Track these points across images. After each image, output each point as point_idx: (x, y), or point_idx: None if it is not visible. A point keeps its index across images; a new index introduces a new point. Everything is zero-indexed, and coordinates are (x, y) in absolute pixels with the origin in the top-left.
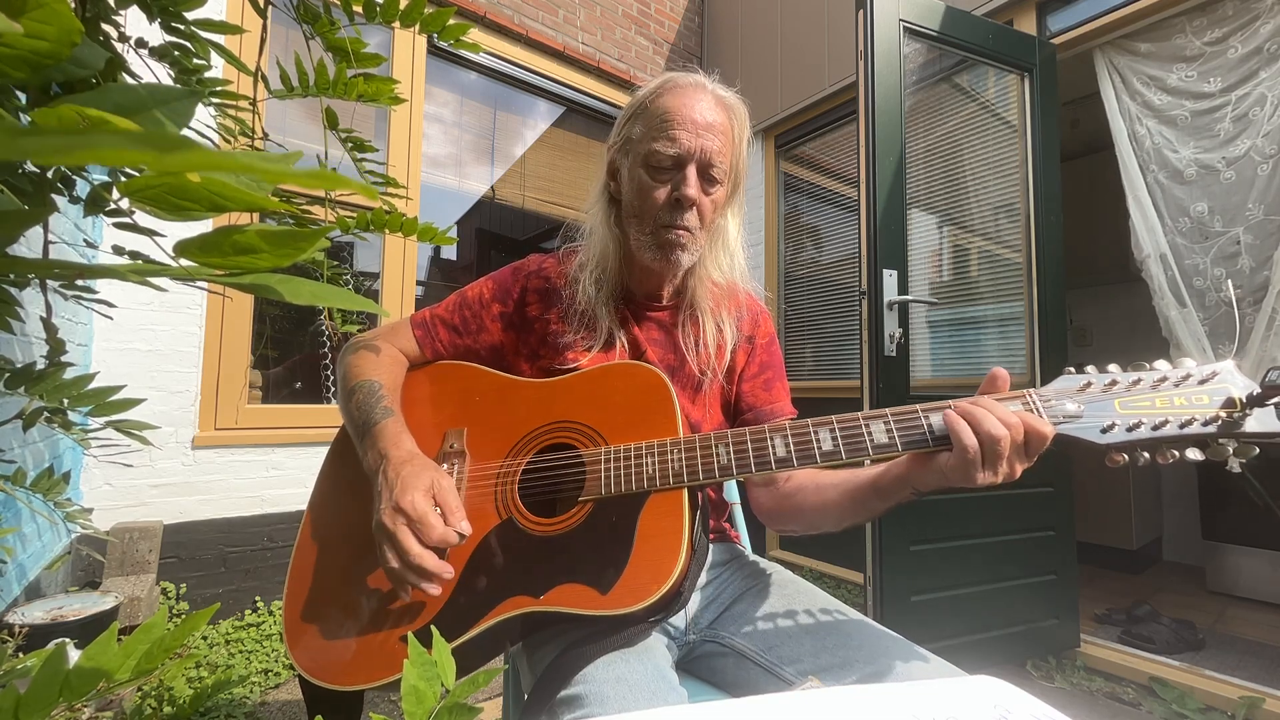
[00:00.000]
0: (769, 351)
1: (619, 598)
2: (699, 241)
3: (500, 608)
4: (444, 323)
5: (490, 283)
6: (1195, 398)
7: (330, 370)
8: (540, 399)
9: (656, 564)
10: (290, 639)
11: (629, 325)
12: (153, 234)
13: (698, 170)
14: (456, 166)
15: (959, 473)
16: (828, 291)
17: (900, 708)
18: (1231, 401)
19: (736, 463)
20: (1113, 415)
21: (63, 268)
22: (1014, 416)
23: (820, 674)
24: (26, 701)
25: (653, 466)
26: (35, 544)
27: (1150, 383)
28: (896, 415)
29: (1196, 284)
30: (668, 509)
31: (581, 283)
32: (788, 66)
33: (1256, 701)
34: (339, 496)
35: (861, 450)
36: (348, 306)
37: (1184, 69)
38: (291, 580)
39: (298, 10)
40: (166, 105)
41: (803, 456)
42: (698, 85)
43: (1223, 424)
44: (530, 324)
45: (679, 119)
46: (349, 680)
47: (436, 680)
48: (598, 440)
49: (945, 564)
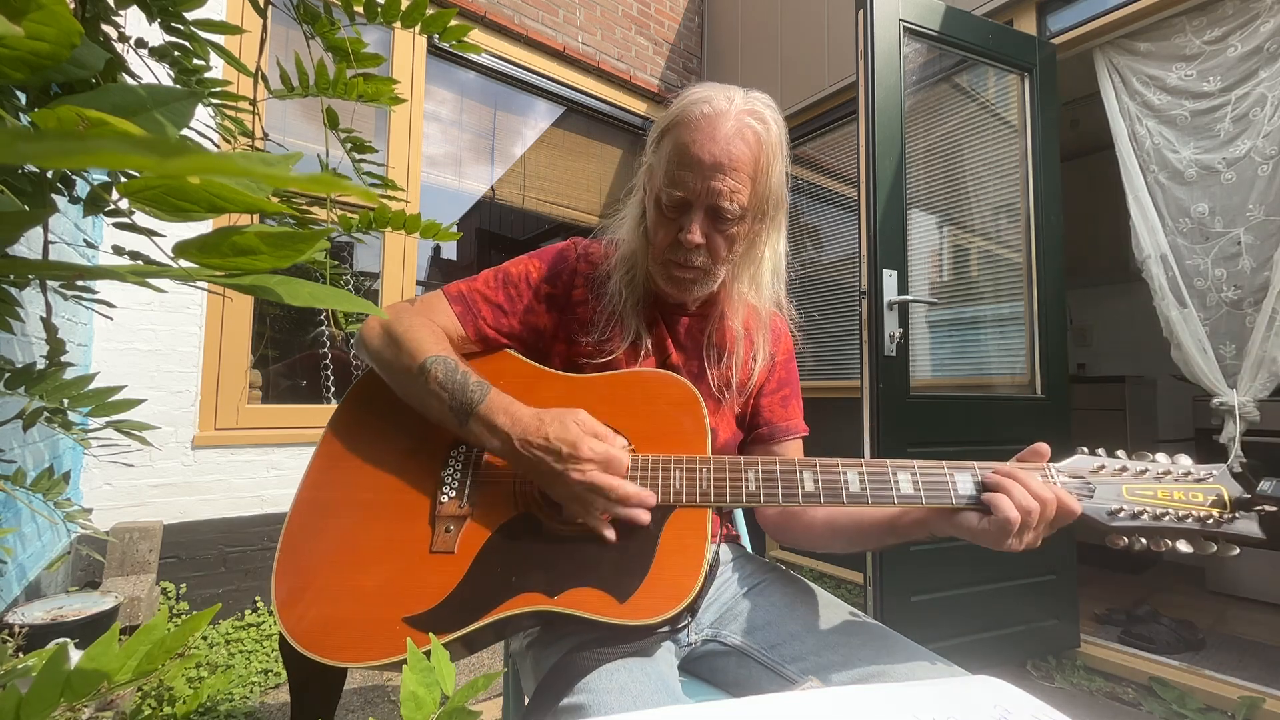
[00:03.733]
0: (787, 369)
1: (635, 609)
2: (714, 275)
3: (512, 602)
4: (486, 299)
5: (538, 262)
6: (1192, 494)
7: (330, 370)
8: (568, 395)
9: (675, 580)
10: (283, 608)
11: (656, 328)
12: (152, 234)
13: (706, 213)
14: (456, 166)
15: (991, 538)
16: (828, 291)
17: (900, 708)
18: (1223, 502)
19: (765, 491)
20: (1120, 500)
21: (63, 269)
22: (1049, 491)
23: (822, 672)
24: (28, 702)
25: (680, 483)
26: (35, 544)
27: (1154, 474)
28: (924, 469)
29: (1197, 284)
30: (691, 527)
31: (613, 280)
32: (788, 66)
33: (1256, 701)
34: (348, 463)
35: (886, 499)
36: (346, 308)
37: (1184, 68)
38: (284, 550)
39: (298, 10)
40: (166, 106)
41: (830, 496)
42: (716, 115)
43: (1213, 521)
44: (574, 307)
45: (686, 159)
46: (348, 656)
47: (436, 686)
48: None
49: (945, 564)
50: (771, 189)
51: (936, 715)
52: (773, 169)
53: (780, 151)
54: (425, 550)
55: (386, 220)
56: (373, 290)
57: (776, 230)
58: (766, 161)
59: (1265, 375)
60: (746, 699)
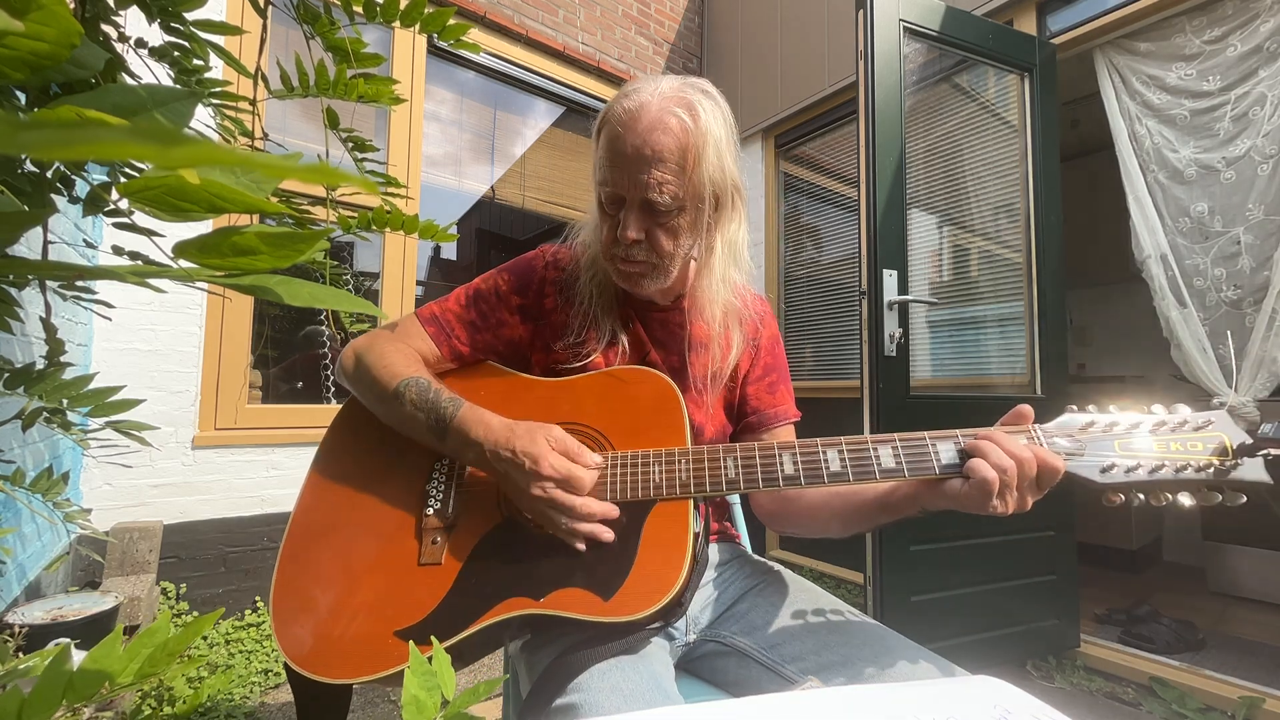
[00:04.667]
0: (773, 353)
1: (620, 605)
2: (664, 268)
3: (499, 608)
4: (459, 318)
5: (506, 274)
6: (1190, 444)
7: (330, 370)
8: (547, 399)
9: (659, 574)
10: (279, 628)
11: (632, 325)
12: (152, 234)
13: (641, 207)
14: (456, 166)
15: (974, 501)
16: (828, 291)
17: (901, 708)
18: (1224, 449)
19: (744, 478)
20: (1113, 456)
21: (62, 269)
22: (1025, 450)
23: (822, 672)
24: (30, 703)
25: (660, 476)
26: (35, 544)
27: (1148, 426)
28: (905, 441)
29: (1197, 284)
30: (673, 519)
31: (582, 282)
32: (788, 66)
33: (1256, 701)
34: (336, 486)
35: (869, 474)
36: (346, 308)
37: (1183, 68)
38: (280, 575)
39: (298, 10)
40: (166, 106)
41: (810, 476)
42: (639, 108)
43: (1215, 471)
44: (547, 315)
45: (613, 155)
46: (339, 673)
47: (437, 690)
48: (604, 444)
49: (945, 564)
50: (708, 176)
51: (936, 715)
52: (704, 156)
53: (713, 138)
54: (414, 563)
55: (385, 220)
56: (373, 290)
57: (733, 219)
58: (696, 149)
59: (1265, 375)
60: (745, 699)
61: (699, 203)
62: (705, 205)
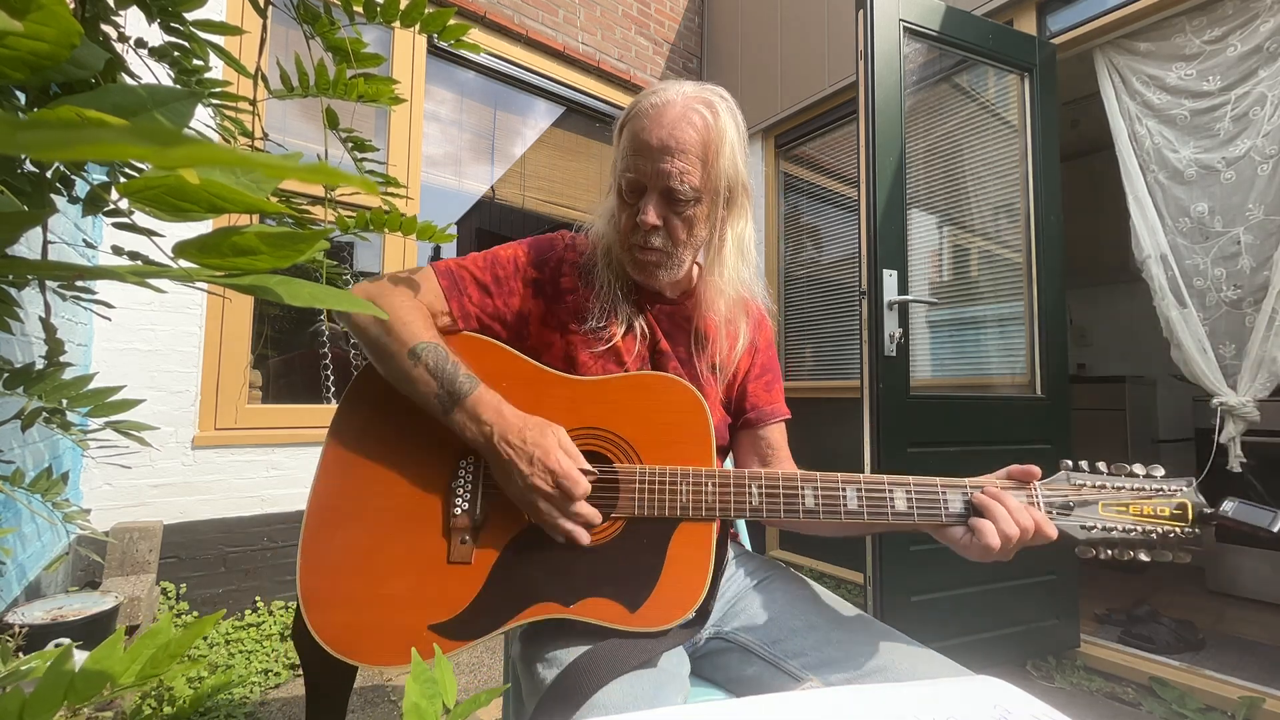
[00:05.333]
0: (768, 355)
1: (645, 618)
2: (677, 258)
3: (530, 610)
4: (474, 279)
5: (526, 247)
6: (1159, 509)
7: (329, 370)
8: (572, 399)
9: (682, 590)
10: (310, 609)
11: (645, 313)
12: (152, 234)
13: (660, 195)
14: (456, 166)
15: (972, 552)
16: (828, 291)
17: (901, 707)
18: (1185, 516)
19: (767, 507)
20: (1096, 518)
21: (62, 269)
22: (1028, 519)
23: (823, 668)
24: (32, 704)
25: (687, 496)
26: (35, 544)
27: (1130, 490)
28: (918, 487)
29: (1197, 284)
30: (697, 539)
31: (598, 269)
32: (788, 66)
33: (1256, 701)
34: (360, 466)
35: (882, 515)
36: (346, 308)
37: (1183, 68)
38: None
39: (298, 10)
40: (166, 106)
41: (829, 512)
42: (664, 104)
43: (1174, 537)
44: (562, 295)
45: (638, 145)
46: (379, 659)
47: (438, 698)
48: (631, 455)
49: (945, 564)
50: (724, 171)
51: (936, 715)
52: (722, 151)
53: (730, 136)
54: (443, 560)
55: (383, 221)
56: None
57: (741, 216)
58: (715, 144)
59: (1265, 375)
60: (746, 699)
61: (714, 196)
62: (719, 199)
